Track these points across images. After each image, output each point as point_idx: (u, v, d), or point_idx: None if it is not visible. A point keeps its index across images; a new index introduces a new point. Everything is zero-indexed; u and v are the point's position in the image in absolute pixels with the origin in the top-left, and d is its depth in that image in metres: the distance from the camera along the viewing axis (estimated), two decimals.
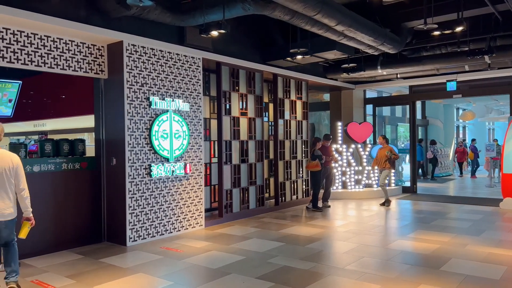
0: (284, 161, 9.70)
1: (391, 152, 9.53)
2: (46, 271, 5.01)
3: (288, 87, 9.83)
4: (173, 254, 5.76)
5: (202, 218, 7.43)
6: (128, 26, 6.26)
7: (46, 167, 6.00)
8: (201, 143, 7.45)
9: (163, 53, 6.76)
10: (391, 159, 9.57)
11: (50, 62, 5.75)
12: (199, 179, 7.38)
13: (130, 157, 6.30)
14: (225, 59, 7.86)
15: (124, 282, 4.65)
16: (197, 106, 7.37)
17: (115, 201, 6.42)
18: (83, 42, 6.12)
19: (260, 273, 4.85)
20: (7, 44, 5.31)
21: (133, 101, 6.33)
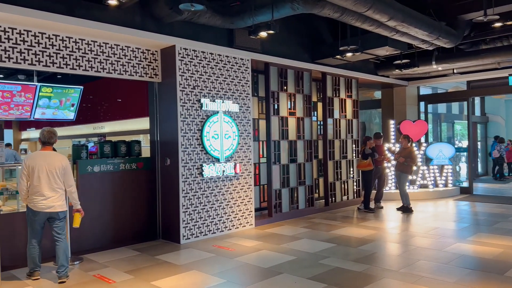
0: (334, 161, 9.56)
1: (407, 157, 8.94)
2: (107, 266, 5.29)
3: (338, 86, 9.67)
4: (225, 252, 5.87)
5: (252, 218, 7.50)
6: (180, 30, 6.45)
7: (105, 168, 6.33)
8: (250, 143, 7.52)
9: (213, 55, 6.90)
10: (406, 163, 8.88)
11: (108, 68, 6.06)
12: (249, 179, 7.46)
13: (183, 157, 6.49)
14: (274, 60, 7.88)
15: (179, 278, 4.80)
16: (246, 107, 7.45)
17: (169, 200, 6.65)
18: (138, 48, 6.39)
19: (312, 274, 4.81)
20: (70, 52, 5.66)
21: (185, 103, 6.52)
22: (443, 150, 11.02)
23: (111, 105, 10.68)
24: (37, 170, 4.64)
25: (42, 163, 4.67)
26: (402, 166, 8.88)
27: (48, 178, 4.67)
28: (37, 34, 5.36)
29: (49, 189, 4.68)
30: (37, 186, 4.63)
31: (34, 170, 4.63)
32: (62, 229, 4.80)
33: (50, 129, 4.87)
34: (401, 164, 8.87)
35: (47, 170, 4.69)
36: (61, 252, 4.74)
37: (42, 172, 4.65)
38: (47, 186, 4.67)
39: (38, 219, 4.67)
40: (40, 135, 4.84)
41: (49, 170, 4.70)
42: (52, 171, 4.71)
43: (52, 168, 4.72)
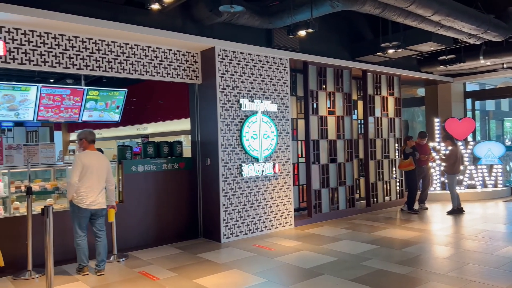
0: (375, 161, 9.34)
1: None
2: (151, 264, 5.45)
3: (379, 83, 9.45)
4: (265, 252, 5.88)
5: (291, 218, 7.47)
6: (219, 32, 6.54)
7: (149, 167, 6.52)
8: (289, 143, 7.50)
9: (251, 56, 6.94)
10: None
11: (151, 71, 6.24)
12: (288, 179, 7.44)
13: (223, 157, 6.57)
14: (312, 58, 7.81)
15: (221, 277, 4.87)
16: (285, 107, 7.44)
17: (210, 200, 6.75)
18: (179, 50, 6.54)
19: (354, 276, 4.73)
20: (115, 56, 5.88)
21: (225, 104, 6.60)
22: (492, 149, 10.49)
23: (154, 106, 10.99)
24: (91, 169, 4.91)
25: (94, 163, 4.96)
26: (444, 166, 8.60)
27: (98, 177, 4.97)
28: (84, 40, 5.61)
29: (98, 187, 4.97)
30: (89, 184, 4.90)
31: (88, 168, 4.90)
32: (103, 226, 5.12)
33: (91, 130, 5.18)
34: (445, 165, 8.58)
35: (98, 169, 4.97)
36: (102, 248, 5.04)
37: (94, 171, 4.94)
38: (97, 184, 4.96)
39: (86, 215, 4.92)
40: (83, 135, 5.06)
41: (99, 169, 4.99)
42: (101, 170, 5.02)
43: (102, 167, 5.03)
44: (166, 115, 10.36)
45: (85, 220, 4.96)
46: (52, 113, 6.35)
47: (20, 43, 5.12)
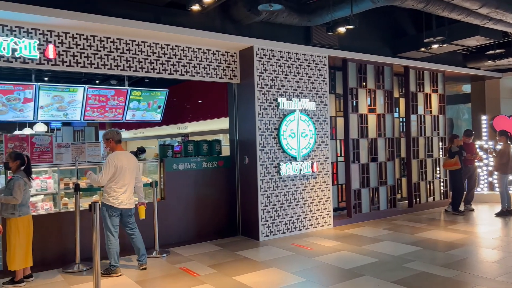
0: (418, 160, 9.05)
1: None
2: (191, 260, 5.56)
3: (422, 80, 9.13)
4: (303, 251, 5.85)
5: (330, 218, 7.38)
6: (257, 31, 6.56)
7: (189, 166, 6.65)
8: (327, 141, 7.41)
9: (290, 54, 6.91)
10: None
11: (191, 71, 6.35)
12: (326, 178, 7.35)
13: (261, 156, 6.59)
14: (352, 55, 7.67)
15: (259, 275, 4.89)
16: (323, 105, 7.35)
17: (248, 198, 6.80)
18: (218, 50, 6.62)
19: (396, 278, 4.60)
20: (156, 57, 6.04)
21: (263, 103, 6.61)
22: None
23: (193, 106, 11.20)
24: (123, 169, 4.98)
25: (125, 163, 5.03)
26: (496, 164, 8.18)
27: (129, 176, 5.05)
28: (128, 42, 5.80)
29: (130, 187, 5.08)
30: (122, 184, 4.97)
31: (121, 169, 4.97)
32: (134, 224, 5.20)
33: (118, 130, 5.25)
34: (496, 163, 8.17)
35: (129, 169, 5.05)
36: (140, 243, 5.15)
37: (126, 171, 5.01)
38: (129, 183, 5.05)
39: (117, 215, 5.00)
40: (110, 135, 5.11)
41: (130, 168, 5.07)
42: (132, 169, 5.10)
43: (132, 167, 5.11)
44: (205, 114, 10.53)
45: (117, 220, 5.01)
46: (97, 113, 6.62)
47: (68, 46, 5.37)
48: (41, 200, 5.70)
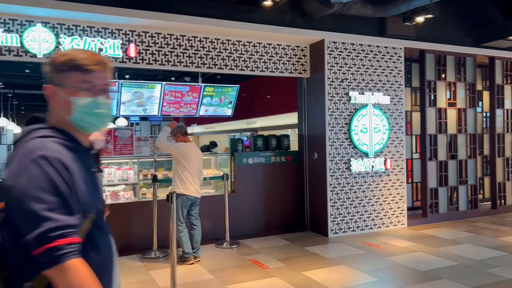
0: (504, 158, 8.31)
1: None
2: (260, 253, 5.64)
3: (510, 71, 8.37)
4: (375, 250, 5.67)
5: (404, 217, 7.06)
6: (328, 24, 6.44)
7: (258, 160, 6.74)
8: (402, 137, 7.08)
9: (362, 47, 6.69)
10: None
11: (262, 66, 6.42)
12: (400, 176, 7.03)
13: (331, 151, 6.48)
14: (430, 46, 7.23)
15: (329, 271, 4.83)
16: (398, 99, 7.03)
17: (316, 194, 6.73)
18: (288, 45, 6.60)
19: (477, 283, 4.29)
20: (228, 54, 6.18)
21: (333, 97, 6.49)
22: None
23: (262, 101, 11.32)
24: (192, 159, 5.17)
25: (193, 153, 5.24)
26: None
27: (195, 168, 5.21)
28: (202, 39, 6.00)
29: (198, 177, 5.24)
30: (190, 173, 5.14)
31: (189, 158, 5.15)
32: (198, 215, 5.33)
33: (182, 124, 5.47)
34: None
35: (196, 160, 5.24)
36: (199, 236, 5.29)
37: (193, 161, 5.20)
38: (196, 173, 5.22)
39: (187, 204, 5.18)
40: (177, 130, 5.32)
41: (197, 159, 5.26)
42: (198, 160, 5.29)
43: (198, 158, 5.30)
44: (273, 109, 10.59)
45: (186, 209, 5.17)
46: (173, 108, 6.95)
47: (148, 45, 5.69)
48: (123, 190, 6.12)
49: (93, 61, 1.31)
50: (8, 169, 1.23)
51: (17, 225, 1.16)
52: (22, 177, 1.15)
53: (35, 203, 1.12)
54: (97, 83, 1.32)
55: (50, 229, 1.11)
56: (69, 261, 1.11)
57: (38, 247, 1.11)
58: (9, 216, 1.18)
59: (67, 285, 1.11)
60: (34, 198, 1.13)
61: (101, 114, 1.34)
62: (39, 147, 1.20)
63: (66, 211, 1.15)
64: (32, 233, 1.11)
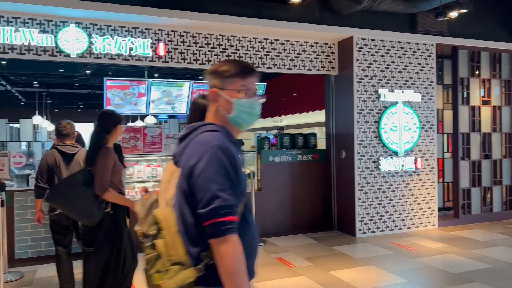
0: None
1: None
2: (287, 251, 5.62)
3: None
4: (404, 251, 5.55)
5: (435, 217, 6.88)
6: (357, 21, 6.34)
7: (284, 158, 6.72)
8: (433, 136, 6.90)
9: (392, 43, 6.56)
10: None
11: (289, 64, 6.38)
12: (431, 175, 6.86)
13: (359, 150, 6.38)
14: (463, 42, 7.01)
15: (357, 272, 4.76)
16: (429, 96, 6.85)
17: (344, 193, 6.65)
18: (316, 42, 6.54)
19: None
20: (256, 52, 6.18)
21: (362, 95, 6.39)
22: None
23: (288, 99, 11.27)
24: None
25: None
26: None
27: None
28: (229, 38, 6.02)
29: None
30: None
31: None
32: None
33: None
34: None
35: None
36: None
37: None
38: None
39: None
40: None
41: None
42: None
43: None
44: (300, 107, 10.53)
45: None
46: None
47: (176, 44, 5.76)
48: (153, 187, 6.23)
49: (249, 69, 1.59)
50: (183, 156, 1.51)
51: (195, 199, 1.40)
52: (202, 161, 1.41)
53: (211, 183, 1.37)
54: (251, 87, 1.59)
55: (220, 206, 1.35)
56: (230, 236, 1.35)
57: (209, 219, 1.35)
58: (189, 192, 1.44)
59: (224, 255, 1.34)
60: (211, 179, 1.38)
61: (254, 113, 1.60)
62: (212, 138, 1.46)
63: (232, 192, 1.39)
64: (205, 207, 1.36)
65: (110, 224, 3.12)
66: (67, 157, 3.95)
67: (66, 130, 4.01)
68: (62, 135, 4.01)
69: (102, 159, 3.10)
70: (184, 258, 1.42)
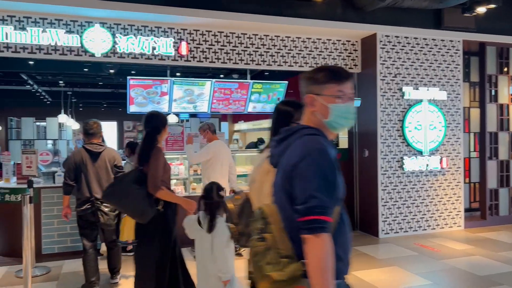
0: None
1: None
2: None
3: None
4: (429, 252, 5.43)
5: (460, 218, 6.71)
6: (381, 17, 6.23)
7: None
8: (459, 135, 6.72)
9: (417, 40, 6.42)
10: None
11: (311, 62, 6.33)
12: (457, 175, 6.69)
13: (383, 149, 6.28)
14: (491, 38, 6.80)
15: (380, 272, 4.69)
16: (455, 94, 6.68)
17: (367, 192, 6.55)
18: (338, 40, 6.47)
19: None
20: (277, 50, 6.15)
21: (386, 93, 6.28)
22: None
23: None
24: (220, 157, 5.15)
25: (224, 151, 5.24)
26: None
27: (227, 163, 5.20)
28: (251, 36, 6.01)
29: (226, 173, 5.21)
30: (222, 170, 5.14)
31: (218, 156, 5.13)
32: None
33: (212, 122, 5.48)
34: None
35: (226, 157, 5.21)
36: None
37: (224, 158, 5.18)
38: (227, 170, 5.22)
39: None
40: (206, 127, 5.34)
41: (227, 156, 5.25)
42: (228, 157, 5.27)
43: (228, 154, 5.29)
44: None
45: None
46: (222, 105, 7.03)
47: (198, 43, 5.79)
48: (174, 184, 6.29)
49: (344, 74, 1.63)
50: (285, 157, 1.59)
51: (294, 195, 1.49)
52: (304, 162, 1.49)
53: (310, 184, 1.46)
54: (347, 92, 1.63)
55: (315, 206, 1.43)
56: (322, 234, 1.41)
57: (304, 216, 1.43)
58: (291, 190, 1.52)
59: (315, 252, 1.40)
60: (310, 180, 1.46)
61: (350, 117, 1.65)
62: (314, 142, 1.54)
63: (328, 194, 1.46)
64: (302, 204, 1.44)
65: (159, 222, 3.18)
66: (93, 156, 4.05)
67: (93, 129, 4.12)
68: (88, 134, 4.13)
69: (154, 159, 3.19)
70: (291, 252, 1.50)
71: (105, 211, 4.02)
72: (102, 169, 4.07)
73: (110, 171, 4.12)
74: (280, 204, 1.58)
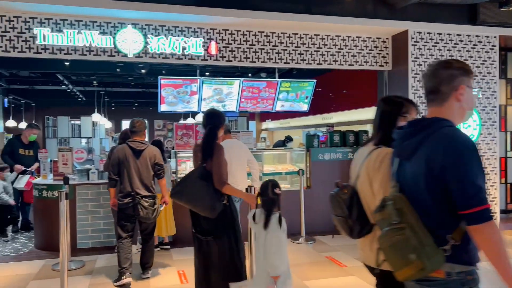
0: None
1: None
2: (337, 250, 5.54)
3: None
4: None
5: (496, 220, 6.48)
6: (413, 14, 6.09)
7: (335, 156, 6.61)
8: (495, 133, 6.49)
9: (451, 36, 6.24)
10: None
11: (340, 60, 6.26)
12: (493, 175, 6.46)
13: None
14: None
15: None
16: (491, 92, 6.45)
17: None
18: (368, 37, 6.37)
19: None
20: (306, 48, 6.12)
21: (418, 91, 6.14)
22: None
23: (339, 96, 11.07)
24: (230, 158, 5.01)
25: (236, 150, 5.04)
26: None
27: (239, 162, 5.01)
28: (279, 35, 6.01)
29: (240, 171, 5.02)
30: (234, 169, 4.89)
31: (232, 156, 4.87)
32: None
33: None
34: None
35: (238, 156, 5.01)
36: None
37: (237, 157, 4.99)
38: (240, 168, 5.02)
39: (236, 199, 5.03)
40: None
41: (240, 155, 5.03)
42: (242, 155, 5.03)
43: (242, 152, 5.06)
44: (351, 104, 10.29)
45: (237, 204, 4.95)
46: (250, 104, 7.07)
47: (227, 42, 5.84)
48: None
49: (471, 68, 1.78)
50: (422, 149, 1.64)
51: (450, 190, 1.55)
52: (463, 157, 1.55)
53: (475, 177, 1.52)
54: (472, 85, 1.77)
55: (484, 197, 1.52)
56: (492, 221, 1.50)
57: (475, 207, 1.50)
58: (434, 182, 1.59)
59: (490, 238, 1.50)
60: (475, 173, 1.52)
61: None
62: (462, 134, 1.61)
63: (485, 184, 1.55)
64: (472, 196, 1.51)
65: (228, 215, 3.29)
66: (136, 153, 4.26)
67: (135, 128, 4.34)
68: (132, 132, 4.38)
69: (217, 156, 3.28)
70: (431, 239, 1.59)
71: (144, 205, 4.21)
72: (143, 166, 4.27)
73: (151, 168, 4.32)
74: (415, 194, 1.66)
